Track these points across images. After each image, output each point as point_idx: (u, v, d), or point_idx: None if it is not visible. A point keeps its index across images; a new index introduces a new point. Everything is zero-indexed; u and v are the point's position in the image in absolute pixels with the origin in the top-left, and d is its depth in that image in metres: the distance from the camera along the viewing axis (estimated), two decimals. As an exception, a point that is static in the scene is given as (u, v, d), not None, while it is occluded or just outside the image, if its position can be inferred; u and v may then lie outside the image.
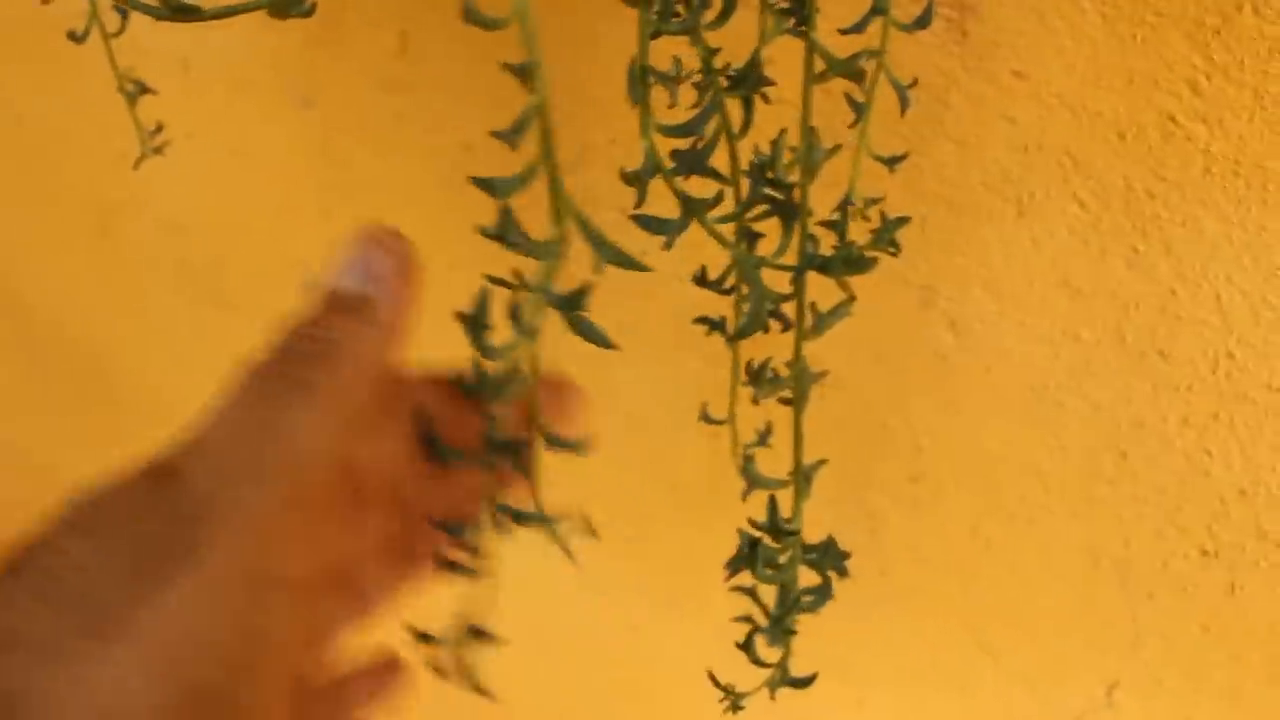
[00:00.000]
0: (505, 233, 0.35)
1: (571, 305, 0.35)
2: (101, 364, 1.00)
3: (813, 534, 0.44)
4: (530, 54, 0.33)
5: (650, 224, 0.41)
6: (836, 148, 0.41)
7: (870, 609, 0.69)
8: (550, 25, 0.34)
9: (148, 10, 0.35)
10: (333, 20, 0.64)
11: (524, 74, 0.33)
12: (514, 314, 0.36)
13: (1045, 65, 0.49)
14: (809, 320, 0.44)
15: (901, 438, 0.60)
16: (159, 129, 0.57)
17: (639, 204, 0.41)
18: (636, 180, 0.41)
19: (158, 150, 0.57)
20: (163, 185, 0.81)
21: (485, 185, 0.34)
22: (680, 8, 0.39)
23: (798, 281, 0.42)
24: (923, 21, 0.42)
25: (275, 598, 0.31)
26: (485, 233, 0.35)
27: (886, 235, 0.42)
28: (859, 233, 0.43)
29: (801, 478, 0.46)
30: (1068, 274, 0.53)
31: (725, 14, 0.38)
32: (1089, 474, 0.57)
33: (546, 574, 0.65)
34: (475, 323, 0.36)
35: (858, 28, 0.42)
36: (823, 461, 0.46)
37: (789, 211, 0.42)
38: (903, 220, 0.42)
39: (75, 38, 0.54)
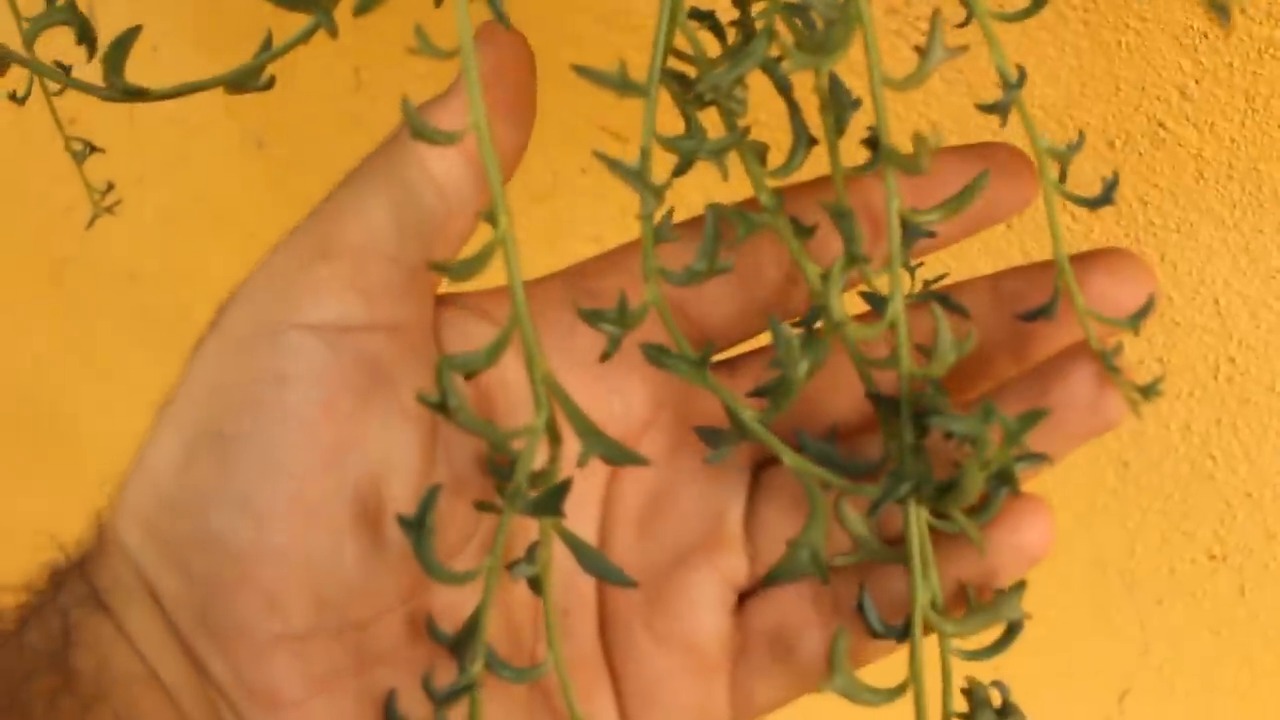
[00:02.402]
0: (450, 406, 0.27)
1: (545, 509, 0.27)
2: (60, 416, 0.97)
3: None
4: (493, 185, 0.27)
5: (705, 434, 0.33)
6: (970, 337, 0.30)
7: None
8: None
9: (94, 92, 0.32)
10: (284, 59, 0.62)
11: (490, 217, 0.27)
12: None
13: (1029, 75, 0.47)
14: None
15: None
16: (110, 188, 0.55)
17: (605, 356, 0.31)
18: (611, 327, 0.30)
19: (109, 210, 0.55)
20: (114, 234, 0.78)
21: (449, 363, 0.27)
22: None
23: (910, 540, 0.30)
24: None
25: None
26: (424, 400, 0.27)
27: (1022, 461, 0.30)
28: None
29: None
30: (1060, 285, 0.51)
31: (795, 155, 0.31)
32: (1092, 484, 0.56)
33: None
34: (419, 529, 0.28)
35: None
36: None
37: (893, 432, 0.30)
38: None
39: (16, 99, 0.51)
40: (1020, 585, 0.31)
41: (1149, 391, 0.31)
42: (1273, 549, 0.54)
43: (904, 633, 0.31)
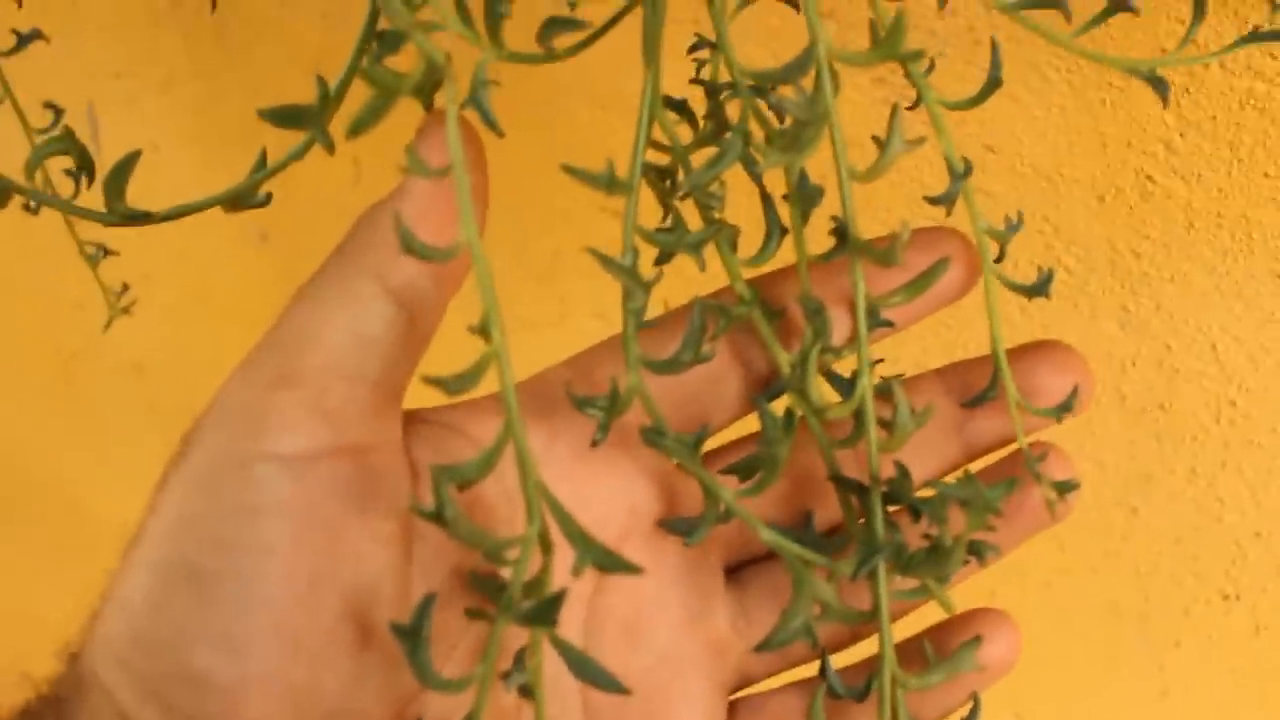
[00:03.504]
0: (448, 516, 0.26)
1: (539, 619, 0.26)
2: (68, 507, 0.98)
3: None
4: (486, 300, 0.27)
5: (675, 525, 0.35)
6: (928, 410, 0.32)
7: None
8: (518, 133, 0.30)
9: (96, 218, 0.32)
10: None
11: (483, 331, 0.27)
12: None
13: (1016, 137, 0.48)
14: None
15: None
16: (125, 288, 0.56)
17: (595, 442, 0.33)
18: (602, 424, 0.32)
19: (126, 310, 0.56)
20: (121, 328, 0.79)
21: (444, 473, 0.27)
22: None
23: (873, 593, 0.32)
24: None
25: None
26: (420, 512, 0.27)
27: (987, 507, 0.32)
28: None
29: None
30: (1060, 338, 0.52)
31: (767, 245, 0.32)
32: (1102, 531, 0.57)
33: None
34: (414, 637, 0.26)
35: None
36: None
37: (851, 490, 0.33)
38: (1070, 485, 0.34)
39: (30, 209, 0.52)
40: (976, 640, 0.34)
41: (1065, 489, 0.34)
42: (1285, 587, 0.55)
43: (864, 693, 0.33)
